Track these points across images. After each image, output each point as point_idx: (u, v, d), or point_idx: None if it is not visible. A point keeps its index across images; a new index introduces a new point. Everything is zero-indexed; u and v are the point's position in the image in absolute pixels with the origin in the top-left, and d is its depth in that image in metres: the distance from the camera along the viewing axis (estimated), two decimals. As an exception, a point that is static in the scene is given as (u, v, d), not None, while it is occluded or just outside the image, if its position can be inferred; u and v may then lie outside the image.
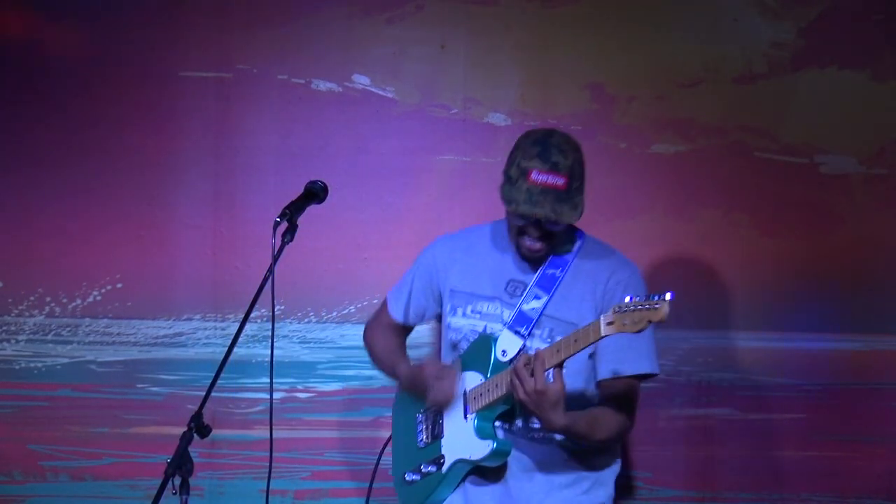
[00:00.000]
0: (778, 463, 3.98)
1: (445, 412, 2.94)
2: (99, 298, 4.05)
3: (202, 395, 2.67)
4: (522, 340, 2.87)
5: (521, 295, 2.91)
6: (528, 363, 2.69)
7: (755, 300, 3.99)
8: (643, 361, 2.90)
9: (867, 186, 4.02)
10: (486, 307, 2.96)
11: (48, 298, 4.05)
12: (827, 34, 4.01)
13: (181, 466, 2.58)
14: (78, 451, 4.03)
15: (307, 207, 2.90)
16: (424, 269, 3.11)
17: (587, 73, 4.02)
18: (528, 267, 2.94)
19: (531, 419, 2.85)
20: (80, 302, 4.05)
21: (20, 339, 4.06)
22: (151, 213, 4.05)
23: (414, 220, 4.00)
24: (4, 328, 4.05)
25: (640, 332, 2.54)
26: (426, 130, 4.05)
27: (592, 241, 3.00)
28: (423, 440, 3.01)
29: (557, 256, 2.93)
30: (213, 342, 4.03)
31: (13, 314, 4.06)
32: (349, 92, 4.06)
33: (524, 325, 2.88)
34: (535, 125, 3.55)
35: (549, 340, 2.85)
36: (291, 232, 2.81)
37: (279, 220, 2.81)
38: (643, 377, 2.93)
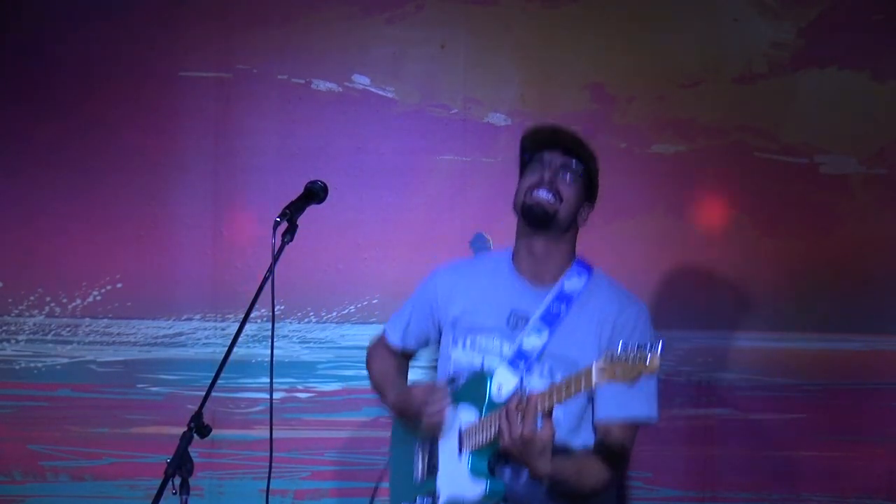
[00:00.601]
0: (778, 463, 3.98)
1: (441, 446, 2.87)
2: (99, 298, 4.05)
3: (202, 395, 2.67)
4: (520, 377, 2.78)
5: (522, 328, 2.83)
6: (518, 405, 2.58)
7: (755, 300, 3.99)
8: (642, 406, 2.80)
9: (867, 186, 4.02)
10: (486, 341, 2.88)
11: (48, 298, 4.05)
12: (827, 34, 4.01)
13: (181, 466, 2.57)
14: (78, 451, 4.03)
15: (307, 207, 2.89)
16: (425, 299, 3.05)
17: (587, 73, 4.02)
18: (531, 299, 2.86)
19: None
20: (80, 302, 4.05)
21: (20, 339, 4.06)
22: (151, 213, 4.05)
23: (414, 220, 4.00)
24: (4, 328, 4.06)
25: (629, 383, 2.42)
26: (426, 130, 4.05)
27: (600, 276, 2.92)
28: (418, 474, 2.94)
29: (563, 292, 2.85)
30: (213, 342, 4.03)
31: (13, 314, 4.06)
32: (349, 92, 4.06)
33: (523, 361, 2.80)
34: (535, 125, 3.56)
35: (548, 378, 2.78)
36: (291, 232, 2.81)
37: (279, 220, 2.80)
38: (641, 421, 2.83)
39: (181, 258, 4.04)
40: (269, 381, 2.95)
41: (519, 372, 2.79)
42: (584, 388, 2.49)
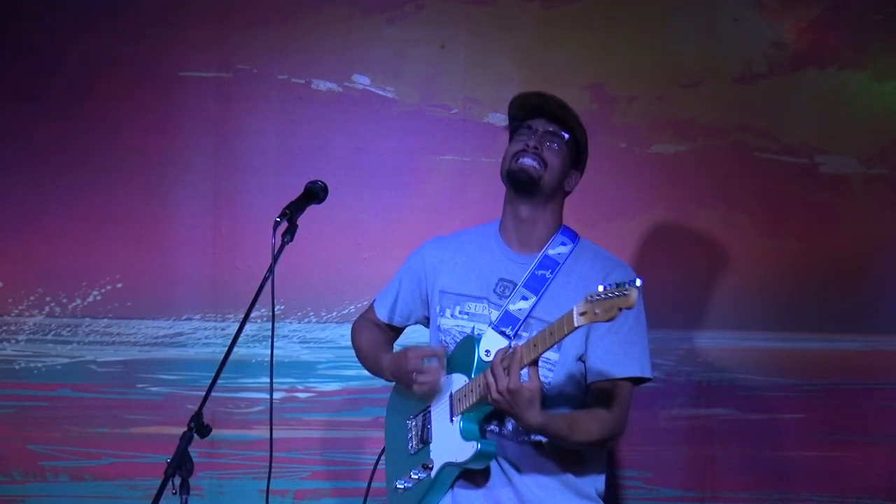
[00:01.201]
0: (778, 463, 3.98)
1: (433, 415, 2.89)
2: (99, 298, 4.05)
3: (202, 395, 2.67)
4: (508, 341, 2.80)
5: (509, 295, 2.87)
6: (503, 359, 2.63)
7: (755, 300, 3.99)
8: (633, 365, 2.82)
9: (867, 186, 4.02)
10: (473, 307, 2.91)
11: (48, 298, 4.05)
12: (827, 34, 4.01)
13: (181, 466, 2.57)
14: (78, 451, 4.03)
15: (307, 207, 2.89)
16: (413, 271, 3.08)
17: (587, 73, 4.02)
18: (518, 266, 2.90)
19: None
20: (80, 302, 4.05)
21: (20, 339, 4.06)
22: (151, 213, 4.05)
23: (414, 220, 4.00)
24: (4, 328, 4.06)
25: (611, 320, 2.46)
26: (426, 130, 4.05)
27: (587, 244, 2.96)
28: (412, 446, 2.96)
29: (548, 257, 2.89)
30: (213, 342, 4.03)
31: (13, 314, 4.06)
32: (349, 92, 4.06)
33: (510, 325, 2.82)
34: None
35: None
36: (291, 232, 2.81)
37: (279, 220, 2.80)
38: (635, 382, 2.85)
39: (181, 258, 4.04)
40: (269, 381, 2.95)
41: (507, 336, 2.81)
42: (566, 332, 2.54)
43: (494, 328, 2.84)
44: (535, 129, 2.91)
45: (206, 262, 4.04)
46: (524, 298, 2.84)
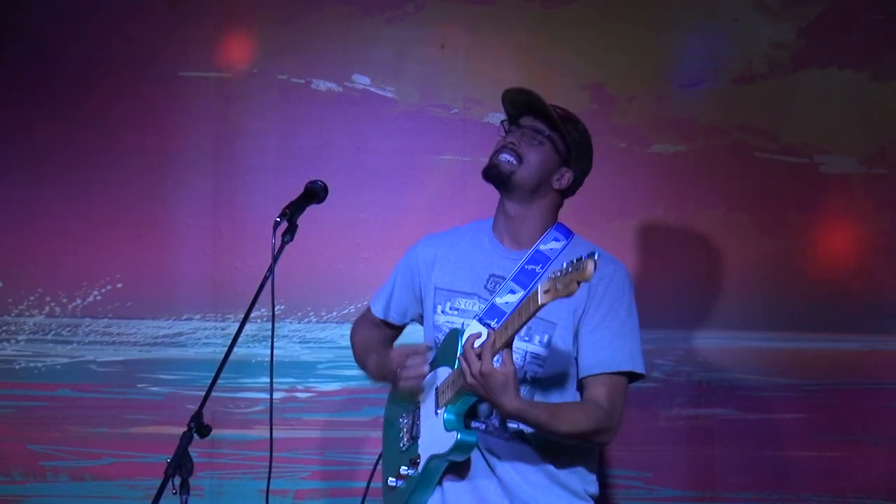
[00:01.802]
0: (778, 463, 3.98)
1: (422, 410, 2.88)
2: (99, 298, 4.05)
3: (202, 395, 2.67)
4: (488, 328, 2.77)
5: (497, 290, 2.86)
6: (476, 344, 2.61)
7: (755, 300, 3.99)
8: (624, 359, 2.79)
9: (867, 186, 4.02)
10: (464, 304, 2.90)
11: (48, 298, 4.05)
12: (827, 34, 4.01)
13: (181, 466, 2.57)
14: (78, 451, 4.03)
15: (307, 207, 2.89)
16: (407, 267, 3.07)
17: (587, 73, 4.02)
18: (509, 262, 2.89)
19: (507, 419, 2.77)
20: (80, 302, 4.05)
21: (20, 339, 4.06)
22: (151, 213, 4.05)
23: (414, 220, 4.00)
24: (4, 328, 4.06)
25: (570, 294, 2.43)
26: (426, 130, 4.05)
27: (581, 241, 2.93)
28: (403, 443, 2.95)
29: (540, 252, 2.87)
30: (213, 342, 4.03)
31: (13, 314, 4.06)
32: (349, 92, 4.06)
33: (495, 318, 2.79)
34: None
35: (525, 338, 2.79)
36: (291, 232, 2.81)
37: (279, 220, 2.80)
38: (630, 378, 2.83)
39: (181, 258, 4.04)
40: (269, 380, 2.95)
41: (491, 328, 2.75)
42: (532, 311, 2.51)
43: (479, 321, 2.82)
44: (522, 125, 2.91)
45: (206, 262, 4.04)
46: (512, 292, 2.83)
